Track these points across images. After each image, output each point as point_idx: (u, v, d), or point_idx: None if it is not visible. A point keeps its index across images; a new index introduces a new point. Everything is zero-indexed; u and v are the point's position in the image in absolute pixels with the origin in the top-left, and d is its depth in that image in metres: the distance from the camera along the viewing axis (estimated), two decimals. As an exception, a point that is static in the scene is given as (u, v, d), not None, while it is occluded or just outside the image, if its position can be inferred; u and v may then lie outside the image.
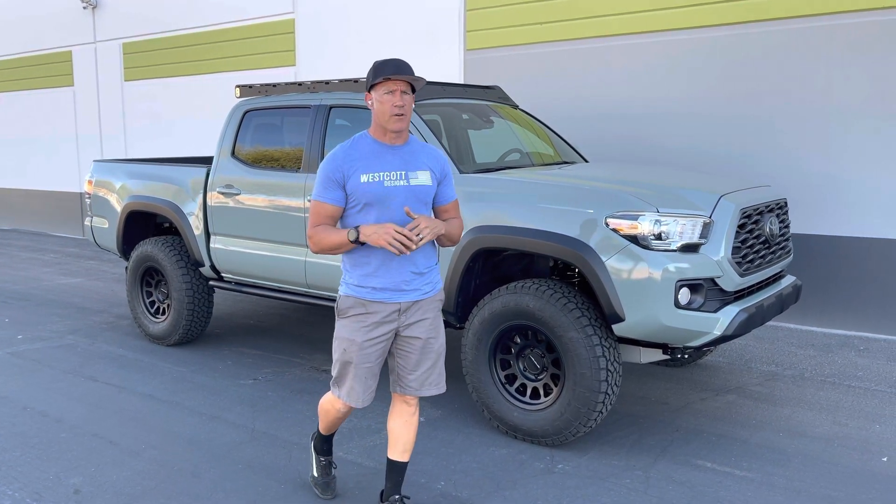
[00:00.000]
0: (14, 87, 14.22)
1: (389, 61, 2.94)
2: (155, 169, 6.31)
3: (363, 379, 3.09)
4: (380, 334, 3.04)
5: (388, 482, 3.30)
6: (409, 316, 3.05)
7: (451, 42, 8.58)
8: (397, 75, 2.88)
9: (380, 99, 2.92)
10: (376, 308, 3.00)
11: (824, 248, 6.50)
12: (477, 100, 5.65)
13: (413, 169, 3.00)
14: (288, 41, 10.13)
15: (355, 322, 3.03)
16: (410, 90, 2.96)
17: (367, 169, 2.94)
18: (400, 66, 2.92)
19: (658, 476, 3.78)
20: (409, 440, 3.23)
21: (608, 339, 3.92)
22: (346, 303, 3.05)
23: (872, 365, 5.57)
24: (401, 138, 3.02)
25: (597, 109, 7.55)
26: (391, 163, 2.97)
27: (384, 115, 2.93)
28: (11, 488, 3.68)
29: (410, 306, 3.04)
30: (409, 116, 2.96)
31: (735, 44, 6.78)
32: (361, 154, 2.97)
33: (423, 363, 3.11)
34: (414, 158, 3.03)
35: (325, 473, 3.58)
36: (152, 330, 6.22)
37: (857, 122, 6.29)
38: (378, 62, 2.96)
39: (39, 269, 9.85)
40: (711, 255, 3.82)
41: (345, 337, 3.06)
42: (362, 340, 3.02)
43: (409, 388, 3.14)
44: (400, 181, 2.96)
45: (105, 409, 4.77)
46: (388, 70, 2.90)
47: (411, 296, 3.03)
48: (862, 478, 3.76)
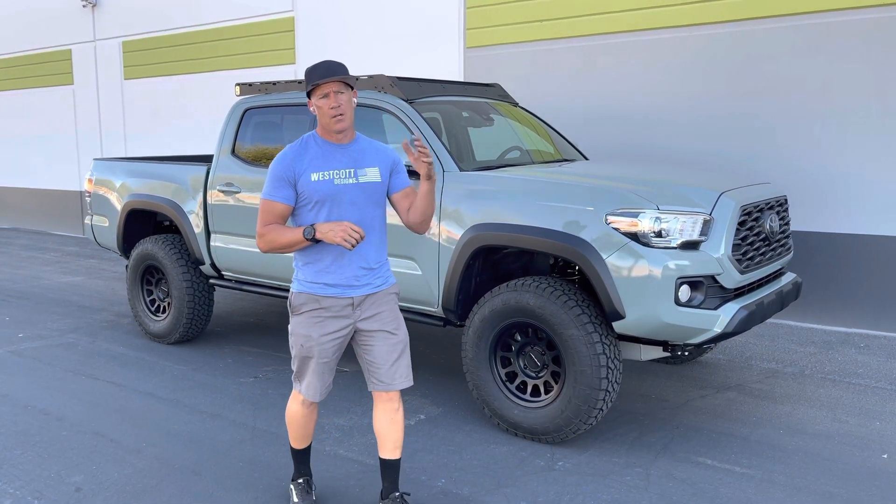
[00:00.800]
0: (14, 86, 14.22)
1: (318, 66, 3.02)
2: (155, 167, 6.31)
3: (320, 374, 3.18)
4: (335, 329, 3.11)
5: (384, 481, 3.33)
6: (363, 310, 3.13)
7: (451, 40, 8.57)
8: (326, 79, 2.96)
9: (317, 104, 3.02)
10: (329, 303, 3.09)
11: (824, 245, 6.50)
12: (477, 97, 5.65)
13: (362, 166, 3.09)
14: (288, 39, 10.12)
15: (310, 318, 3.11)
16: (348, 88, 3.02)
17: (317, 168, 3.03)
18: (329, 69, 2.99)
19: (658, 473, 3.78)
20: (398, 437, 3.27)
21: (608, 337, 3.93)
22: (299, 299, 3.13)
23: (873, 362, 5.58)
24: (347, 137, 3.11)
25: (597, 107, 7.55)
26: (340, 161, 3.07)
27: (325, 119, 3.03)
28: (13, 486, 3.69)
29: (364, 300, 3.12)
30: (350, 114, 3.04)
31: (735, 41, 6.78)
32: (311, 154, 3.07)
33: (390, 356, 3.17)
34: (362, 156, 3.12)
35: (304, 495, 3.43)
36: (153, 328, 6.22)
37: (857, 120, 6.29)
38: (308, 68, 3.04)
39: (40, 268, 9.86)
40: (712, 253, 3.82)
41: (301, 333, 3.14)
42: (318, 335, 3.10)
43: (382, 384, 3.18)
44: (349, 179, 3.05)
45: (106, 407, 4.77)
46: (318, 75, 2.98)
47: (363, 290, 3.12)
48: (862, 475, 3.76)
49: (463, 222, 4.33)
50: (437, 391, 4.99)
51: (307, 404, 3.29)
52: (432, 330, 6.41)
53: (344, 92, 3.01)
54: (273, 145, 5.47)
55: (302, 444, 3.43)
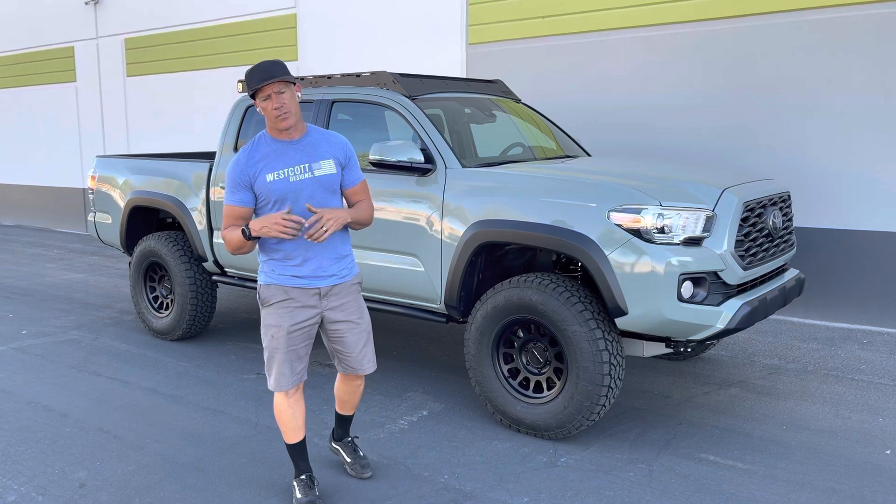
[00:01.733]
0: (16, 83, 14.23)
1: (255, 70, 3.07)
2: (158, 164, 6.31)
3: (290, 363, 3.27)
4: (304, 318, 3.22)
5: (338, 428, 3.79)
6: (329, 301, 3.26)
7: (454, 36, 8.56)
8: (265, 82, 3.02)
9: (261, 105, 3.09)
10: (297, 294, 3.20)
11: (827, 242, 6.49)
12: (479, 94, 5.64)
13: (316, 160, 3.17)
14: (290, 36, 10.12)
15: (279, 309, 3.21)
16: (290, 85, 3.08)
17: (271, 168, 3.11)
18: (267, 71, 3.04)
19: (661, 469, 3.79)
20: (356, 401, 3.68)
21: (611, 333, 3.93)
22: (268, 291, 3.22)
23: (876, 358, 5.57)
24: (297, 132, 3.18)
25: (599, 103, 7.54)
26: (293, 158, 3.14)
27: (271, 119, 3.10)
28: (17, 482, 3.70)
29: (330, 290, 3.24)
30: (295, 110, 3.10)
31: (737, 37, 6.76)
32: (263, 154, 3.13)
33: (357, 344, 3.37)
34: (315, 150, 3.19)
35: (307, 490, 3.43)
36: (156, 325, 6.23)
37: (861, 115, 6.28)
38: (248, 71, 3.09)
39: (43, 265, 9.88)
40: (714, 249, 3.82)
41: (271, 324, 3.23)
42: (288, 325, 3.20)
43: (351, 369, 3.45)
44: (305, 174, 3.13)
45: (109, 403, 4.79)
46: (256, 79, 3.04)
47: (329, 280, 3.23)
48: (865, 471, 3.76)
49: (465, 219, 4.33)
50: (439, 388, 5.00)
51: (289, 395, 3.35)
52: (435, 327, 6.41)
53: (285, 91, 3.07)
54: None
55: (295, 438, 3.44)
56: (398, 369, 5.37)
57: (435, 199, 4.49)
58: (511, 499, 3.50)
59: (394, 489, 3.60)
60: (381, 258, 4.73)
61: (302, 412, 3.41)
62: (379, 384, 5.05)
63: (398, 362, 5.54)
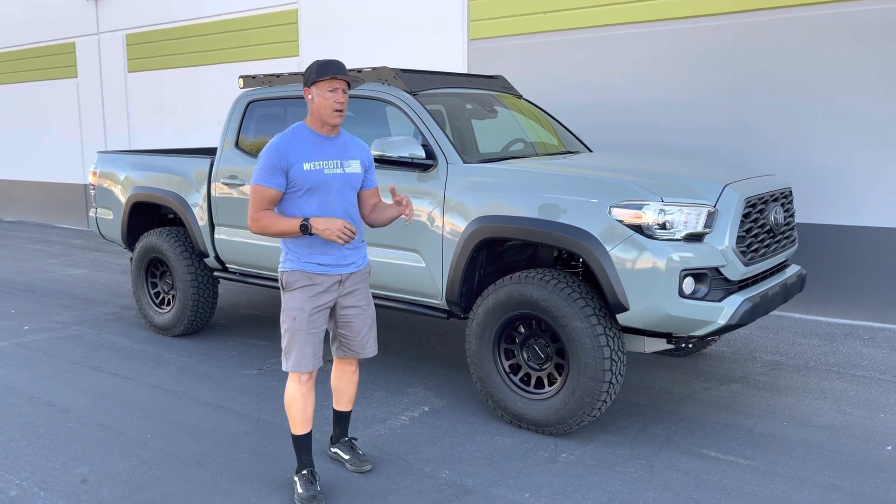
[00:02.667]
0: (18, 79, 14.23)
1: (333, 62, 3.28)
2: (159, 160, 6.31)
3: (312, 344, 3.42)
4: (323, 302, 3.42)
5: (336, 429, 3.83)
6: (346, 287, 3.46)
7: (455, 31, 8.55)
8: (341, 75, 3.23)
9: (323, 95, 3.25)
10: (320, 280, 3.38)
11: (829, 238, 6.48)
12: (480, 89, 5.64)
13: (347, 158, 3.39)
14: (291, 32, 10.10)
15: (302, 293, 3.38)
16: (349, 87, 3.33)
17: (308, 158, 3.29)
18: (342, 68, 3.26)
19: (662, 465, 3.79)
20: (353, 393, 3.76)
21: (612, 329, 3.93)
22: (292, 277, 3.40)
23: (877, 354, 5.57)
24: (335, 131, 3.40)
25: (600, 99, 7.52)
26: (328, 152, 3.34)
27: (326, 110, 3.27)
28: (19, 477, 3.71)
29: (348, 278, 3.45)
30: (345, 113, 3.33)
31: (740, 32, 6.75)
32: (302, 144, 3.31)
33: (363, 329, 3.56)
34: (346, 149, 3.42)
35: (308, 486, 3.46)
36: (157, 321, 6.24)
37: (863, 111, 6.26)
38: (321, 61, 3.29)
39: (44, 261, 9.88)
40: (716, 245, 3.81)
41: (293, 307, 3.40)
42: (310, 308, 3.38)
43: (352, 353, 3.60)
44: (337, 169, 3.34)
45: (111, 399, 4.79)
46: (333, 70, 3.23)
47: (349, 269, 3.44)
48: (866, 467, 3.76)
49: (467, 215, 4.33)
50: (440, 383, 5.00)
51: (303, 382, 3.46)
52: (436, 322, 6.42)
53: (347, 91, 3.30)
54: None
55: (302, 430, 3.51)
56: (399, 365, 5.38)
57: (436, 195, 4.48)
58: (512, 494, 3.50)
59: (394, 484, 3.61)
60: (382, 254, 4.72)
61: (312, 404, 3.52)
62: (380, 380, 5.06)
63: (399, 358, 5.54)
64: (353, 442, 3.85)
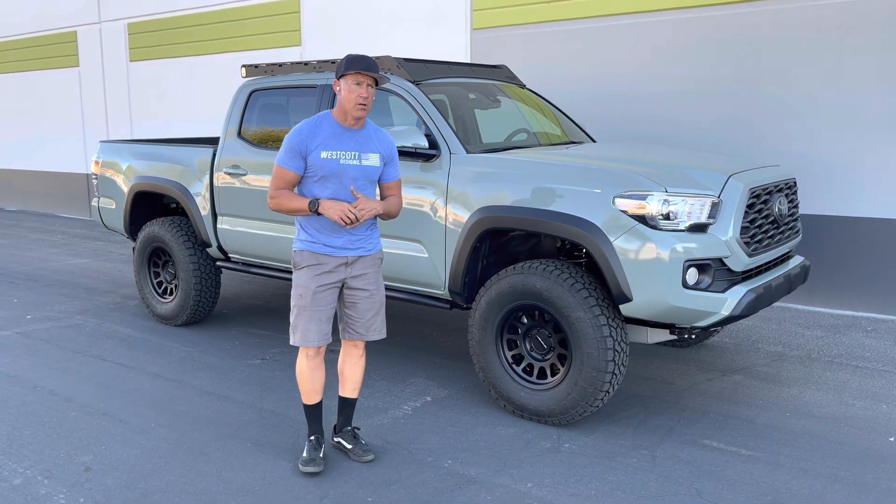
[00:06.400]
0: (19, 68, 14.20)
1: (362, 57, 3.44)
2: (161, 149, 6.30)
3: (318, 321, 3.57)
4: (329, 282, 3.55)
5: (340, 416, 3.86)
6: (353, 270, 3.58)
7: (458, 21, 8.51)
8: (367, 71, 3.38)
9: (349, 88, 3.40)
10: (326, 260, 3.53)
11: (833, 229, 6.47)
12: (484, 79, 5.61)
13: (365, 151, 3.51)
14: (293, 21, 10.07)
15: (309, 272, 3.54)
16: (375, 85, 3.45)
17: (327, 146, 3.44)
18: (370, 64, 3.42)
19: (664, 455, 3.79)
20: (358, 380, 3.81)
21: (615, 320, 3.92)
22: (300, 256, 3.57)
23: (880, 346, 5.56)
24: (359, 123, 3.52)
25: (604, 89, 7.49)
26: (348, 144, 3.47)
27: (350, 103, 3.41)
28: (23, 466, 3.72)
29: (355, 261, 3.57)
30: (370, 107, 3.46)
31: (742, 23, 6.71)
32: (324, 132, 3.46)
33: (369, 312, 3.65)
34: (367, 142, 3.53)
35: (312, 451, 3.69)
36: (160, 310, 6.25)
37: (868, 102, 6.23)
38: (351, 55, 3.45)
39: (47, 250, 9.89)
40: (720, 235, 3.80)
41: (301, 284, 3.56)
42: (315, 286, 3.53)
43: (357, 334, 3.69)
44: (353, 160, 3.47)
45: (114, 388, 4.80)
46: (360, 65, 3.39)
47: (356, 252, 3.57)
48: (868, 458, 3.76)
49: (469, 205, 4.32)
50: (443, 373, 5.00)
51: (310, 357, 3.65)
52: (439, 313, 6.42)
53: (372, 87, 3.44)
54: (279, 127, 5.46)
55: (312, 400, 3.73)
56: (402, 355, 5.38)
57: (439, 185, 4.47)
58: (514, 484, 3.51)
59: (397, 474, 3.61)
60: (385, 244, 4.70)
61: (321, 377, 3.71)
62: (382, 370, 5.06)
63: (402, 348, 5.54)
64: (357, 431, 3.86)
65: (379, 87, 3.56)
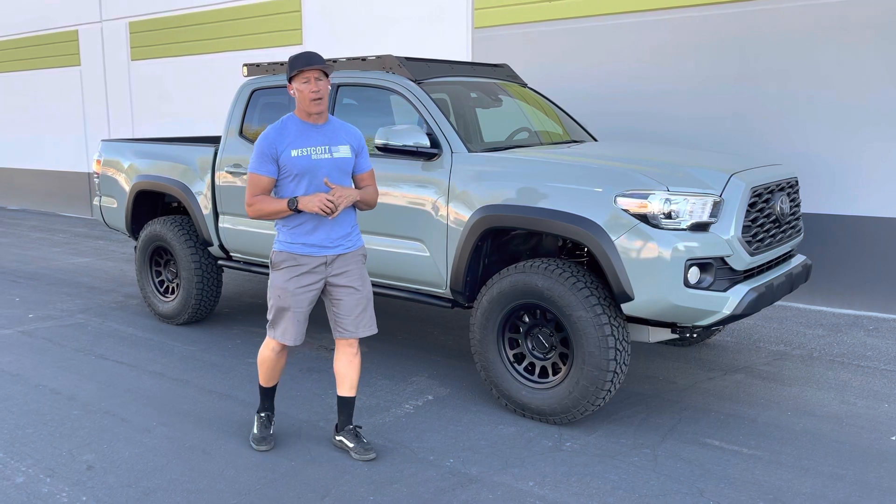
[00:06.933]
0: (21, 67, 14.21)
1: (302, 55, 3.48)
2: (163, 148, 6.31)
3: (296, 321, 3.66)
4: (309, 282, 3.60)
5: (341, 415, 3.86)
6: (334, 268, 3.62)
7: (459, 20, 8.51)
8: (309, 66, 3.43)
9: (299, 88, 3.48)
10: (305, 260, 3.58)
11: (835, 228, 6.46)
12: (485, 78, 5.61)
13: (335, 143, 3.57)
14: (295, 20, 10.07)
15: (287, 272, 3.60)
16: (325, 76, 3.49)
17: (296, 145, 3.50)
18: (310, 59, 3.46)
19: (666, 454, 3.79)
20: (354, 378, 3.82)
21: (617, 319, 3.92)
22: (279, 257, 3.62)
23: (882, 345, 5.56)
24: (322, 118, 3.58)
25: (606, 88, 7.49)
26: (316, 139, 3.54)
27: (305, 101, 3.48)
28: (25, 464, 3.73)
29: (335, 260, 3.61)
30: (326, 98, 3.51)
31: (744, 22, 6.70)
32: (290, 133, 3.52)
33: (355, 308, 3.68)
34: (335, 135, 3.60)
35: (263, 428, 3.91)
36: (162, 309, 6.25)
37: (869, 101, 6.23)
38: (292, 56, 3.50)
39: (48, 249, 9.90)
40: (721, 234, 3.80)
41: (279, 286, 3.63)
42: (294, 288, 3.59)
43: (347, 332, 3.71)
44: (325, 154, 3.53)
45: (116, 387, 4.81)
46: (301, 63, 3.44)
47: (335, 251, 3.60)
48: (870, 457, 3.76)
49: (471, 204, 4.32)
50: (445, 372, 5.01)
51: (278, 350, 3.77)
52: (440, 312, 6.42)
53: (322, 79, 3.47)
54: (281, 126, 5.45)
55: (269, 383, 3.93)
56: (403, 354, 5.38)
57: (441, 184, 4.47)
58: (516, 483, 3.51)
59: (399, 473, 3.62)
60: (386, 243, 4.72)
61: (282, 365, 3.88)
62: (384, 368, 5.07)
63: (403, 347, 5.55)
64: (358, 430, 3.87)
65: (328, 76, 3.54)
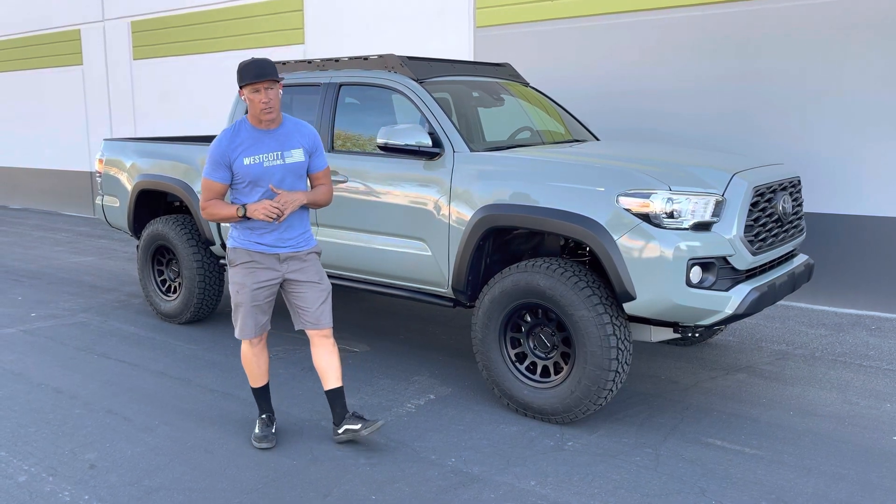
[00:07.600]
0: (23, 66, 14.22)
1: (250, 65, 3.49)
2: (165, 148, 6.31)
3: (253, 315, 3.77)
4: (265, 279, 3.72)
5: (335, 409, 3.90)
6: (290, 265, 3.73)
7: (461, 19, 8.51)
8: (257, 80, 3.45)
9: (249, 97, 3.52)
10: (259, 257, 3.69)
11: (837, 227, 6.46)
12: (487, 77, 5.61)
13: (287, 148, 3.64)
14: (297, 19, 10.07)
15: (244, 269, 3.71)
16: (276, 83, 3.52)
17: (248, 153, 3.57)
18: (259, 70, 3.46)
19: (668, 454, 3.79)
20: (337, 367, 3.88)
21: (619, 318, 3.92)
22: (234, 254, 3.73)
23: (884, 344, 5.56)
24: (275, 123, 3.63)
25: (608, 87, 7.48)
26: (268, 145, 3.60)
27: (255, 110, 3.54)
28: (27, 463, 3.73)
29: (288, 258, 3.72)
30: (278, 105, 3.56)
31: (746, 21, 6.70)
32: (242, 140, 3.59)
33: (318, 300, 3.79)
34: (288, 139, 3.65)
35: (264, 427, 3.95)
36: (164, 308, 6.26)
37: (871, 100, 6.22)
38: (241, 66, 3.51)
39: (51, 248, 9.91)
40: (724, 234, 3.80)
41: (237, 282, 3.74)
42: (251, 283, 3.70)
43: (311, 323, 3.81)
44: (277, 161, 3.61)
45: (118, 385, 4.81)
46: (251, 76, 3.46)
47: (287, 250, 3.71)
48: (872, 456, 3.76)
49: (473, 203, 4.32)
50: (446, 372, 5.01)
51: (253, 345, 3.87)
52: (442, 311, 6.42)
53: (272, 88, 3.51)
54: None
55: (258, 383, 3.99)
56: (405, 353, 5.38)
57: (443, 184, 4.47)
58: (518, 482, 3.51)
59: (401, 472, 3.62)
60: (388, 242, 4.72)
61: (265, 361, 3.95)
62: (385, 368, 5.07)
63: (405, 346, 5.55)
64: (357, 412, 3.94)
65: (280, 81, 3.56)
